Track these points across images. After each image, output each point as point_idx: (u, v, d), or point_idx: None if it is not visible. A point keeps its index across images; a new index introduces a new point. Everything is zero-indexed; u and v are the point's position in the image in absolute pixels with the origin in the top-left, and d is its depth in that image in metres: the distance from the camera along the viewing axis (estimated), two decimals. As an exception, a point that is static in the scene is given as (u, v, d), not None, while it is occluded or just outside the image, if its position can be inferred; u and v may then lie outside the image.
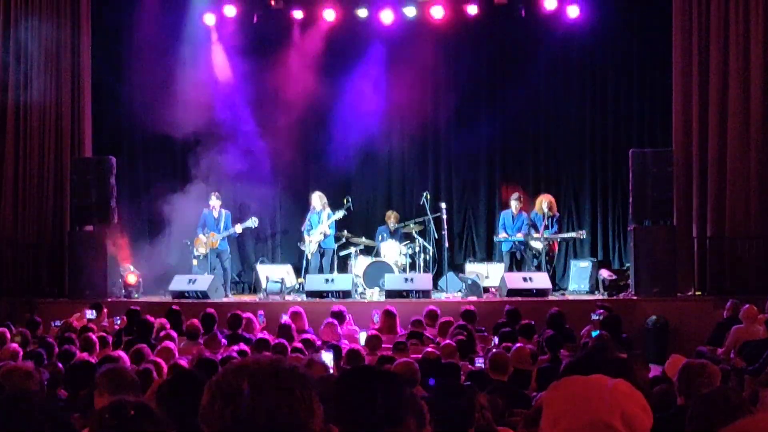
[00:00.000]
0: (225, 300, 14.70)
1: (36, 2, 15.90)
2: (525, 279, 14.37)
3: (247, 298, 15.67)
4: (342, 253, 15.83)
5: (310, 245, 15.49)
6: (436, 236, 15.65)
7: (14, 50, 15.83)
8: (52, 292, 15.43)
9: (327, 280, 14.71)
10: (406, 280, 14.64)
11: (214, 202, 15.65)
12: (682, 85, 15.20)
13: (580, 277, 15.57)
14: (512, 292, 13.99)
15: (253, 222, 15.66)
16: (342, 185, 16.85)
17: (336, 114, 16.83)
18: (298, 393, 2.02)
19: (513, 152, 17.36)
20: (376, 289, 14.88)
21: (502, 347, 8.99)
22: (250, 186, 16.75)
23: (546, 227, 15.24)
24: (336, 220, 15.56)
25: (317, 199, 15.65)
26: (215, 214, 15.64)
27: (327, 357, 8.18)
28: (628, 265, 15.19)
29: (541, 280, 14.31)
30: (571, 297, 14.97)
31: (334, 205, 15.70)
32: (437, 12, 16.35)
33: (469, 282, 14.84)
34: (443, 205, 15.62)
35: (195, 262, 15.59)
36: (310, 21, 16.78)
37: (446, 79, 17.40)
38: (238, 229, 15.63)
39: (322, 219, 15.50)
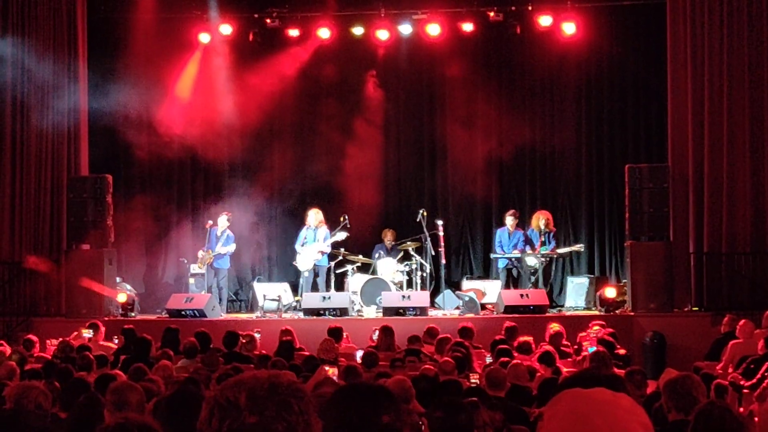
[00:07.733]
0: (222, 318, 14.68)
1: (34, 25, 15.96)
2: (522, 296, 14.37)
3: (243, 316, 15.63)
4: (339, 271, 15.77)
5: (304, 261, 15.44)
6: (433, 253, 15.62)
7: (12, 72, 15.85)
8: (48, 311, 15.40)
9: (324, 298, 14.70)
10: (404, 297, 14.62)
11: (223, 221, 15.57)
12: (676, 100, 15.25)
13: (576, 293, 15.57)
14: (509, 309, 13.98)
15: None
16: (338, 203, 16.83)
17: (332, 131, 16.84)
18: (295, 408, 2.02)
19: (509, 168, 17.34)
20: (373, 306, 14.86)
21: (498, 363, 8.97)
22: (246, 204, 16.72)
23: (543, 243, 15.25)
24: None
25: (313, 215, 15.60)
26: (218, 232, 15.57)
27: (331, 372, 8.20)
28: (624, 281, 15.20)
29: (538, 296, 14.32)
30: (568, 313, 14.96)
31: (331, 223, 15.67)
32: (433, 29, 16.40)
33: (467, 299, 14.82)
34: (440, 223, 15.60)
35: (192, 280, 15.55)
36: (305, 39, 16.82)
37: (442, 96, 17.44)
38: (231, 248, 15.58)
39: (317, 237, 15.46)
